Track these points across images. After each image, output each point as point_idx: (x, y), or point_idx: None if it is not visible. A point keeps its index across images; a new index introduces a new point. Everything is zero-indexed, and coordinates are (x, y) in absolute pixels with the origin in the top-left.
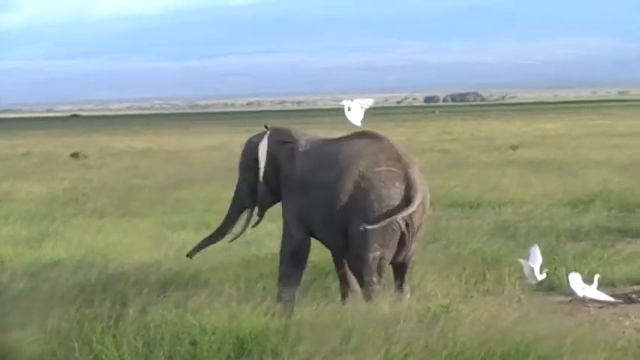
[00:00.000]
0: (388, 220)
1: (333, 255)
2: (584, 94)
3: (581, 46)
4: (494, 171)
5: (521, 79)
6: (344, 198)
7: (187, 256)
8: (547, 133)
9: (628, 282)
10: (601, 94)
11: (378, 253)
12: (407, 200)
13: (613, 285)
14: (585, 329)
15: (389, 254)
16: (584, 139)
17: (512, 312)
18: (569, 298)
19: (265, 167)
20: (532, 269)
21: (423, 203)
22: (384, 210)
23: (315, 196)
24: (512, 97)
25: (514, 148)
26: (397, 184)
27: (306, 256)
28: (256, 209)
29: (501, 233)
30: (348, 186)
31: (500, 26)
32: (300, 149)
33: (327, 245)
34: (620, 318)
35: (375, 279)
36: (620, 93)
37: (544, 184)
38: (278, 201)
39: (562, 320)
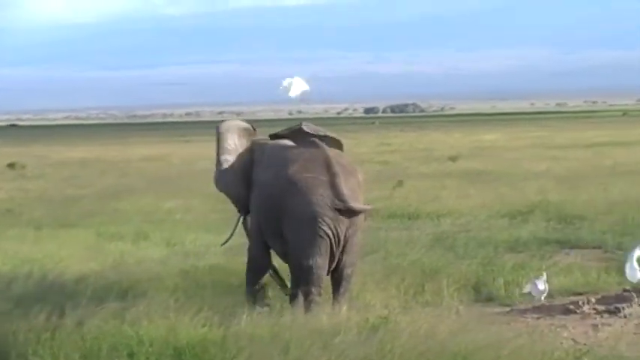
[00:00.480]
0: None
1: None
2: (523, 105)
3: (519, 58)
4: (433, 182)
5: (459, 90)
6: (276, 200)
7: None
8: (485, 144)
9: (566, 293)
10: (539, 105)
11: (311, 261)
12: (332, 208)
13: (551, 296)
14: (523, 340)
15: (322, 262)
16: (523, 151)
17: (451, 323)
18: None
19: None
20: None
21: (350, 213)
22: (308, 216)
23: (260, 196)
24: (452, 108)
25: (453, 159)
26: (321, 191)
27: (261, 261)
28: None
29: (440, 244)
30: (278, 189)
31: (438, 37)
32: (267, 151)
33: (275, 251)
34: (558, 329)
35: (313, 289)
36: (558, 105)
37: (483, 196)
38: None
39: (500, 331)
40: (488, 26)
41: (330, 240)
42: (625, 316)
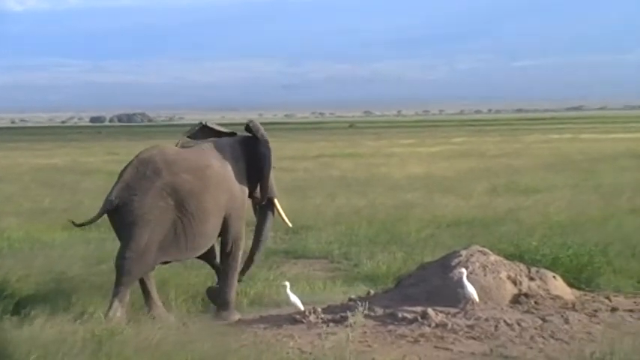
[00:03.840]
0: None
1: None
2: (252, 116)
3: (247, 70)
4: None
5: (188, 101)
6: None
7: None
8: None
9: None
10: (268, 116)
11: None
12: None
13: (279, 306)
14: (249, 350)
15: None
16: None
17: (179, 335)
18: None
19: None
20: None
21: (113, 212)
22: None
23: None
24: (181, 118)
25: None
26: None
27: None
28: None
29: None
30: None
31: (163, 47)
32: None
33: None
34: (285, 339)
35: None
36: (287, 116)
37: None
38: None
39: (227, 341)
40: (213, 38)
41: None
42: (350, 325)
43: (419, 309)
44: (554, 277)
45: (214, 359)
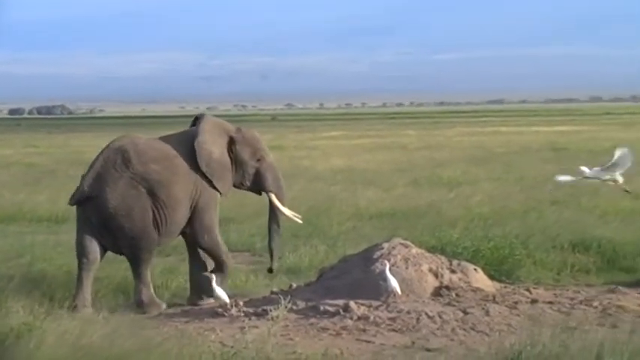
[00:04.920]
0: None
1: None
2: (173, 108)
3: (166, 62)
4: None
5: (107, 93)
6: None
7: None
8: None
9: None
10: (190, 109)
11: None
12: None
13: (202, 299)
14: (171, 344)
15: (86, 245)
16: None
17: (100, 328)
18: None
19: None
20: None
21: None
22: None
23: None
24: (101, 111)
25: None
26: None
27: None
28: None
29: None
30: None
31: (82, 39)
32: None
33: None
34: (206, 332)
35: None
36: (209, 109)
37: None
38: None
39: (149, 335)
40: (134, 30)
41: (90, 226)
42: (272, 319)
43: (341, 302)
44: (475, 269)
45: (136, 353)
